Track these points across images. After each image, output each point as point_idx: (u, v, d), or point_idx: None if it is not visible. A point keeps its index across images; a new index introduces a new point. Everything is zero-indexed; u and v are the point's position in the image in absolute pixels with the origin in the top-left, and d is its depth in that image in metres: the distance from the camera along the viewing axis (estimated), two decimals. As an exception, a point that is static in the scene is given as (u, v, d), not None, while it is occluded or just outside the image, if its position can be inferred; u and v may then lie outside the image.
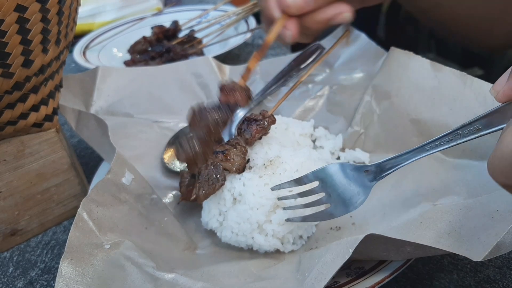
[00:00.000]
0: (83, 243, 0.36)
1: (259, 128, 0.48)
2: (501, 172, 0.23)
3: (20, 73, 0.42)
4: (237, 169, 0.45)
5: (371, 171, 0.38)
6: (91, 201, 0.39)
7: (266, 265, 0.42)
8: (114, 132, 0.54)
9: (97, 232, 0.38)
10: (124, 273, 0.36)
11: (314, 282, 0.32)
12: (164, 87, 0.62)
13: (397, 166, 0.37)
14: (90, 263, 0.35)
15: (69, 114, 0.53)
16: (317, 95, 0.59)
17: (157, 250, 0.41)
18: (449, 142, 0.32)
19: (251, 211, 0.43)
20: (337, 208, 0.39)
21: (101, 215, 0.39)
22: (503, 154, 0.23)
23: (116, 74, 0.62)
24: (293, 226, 0.43)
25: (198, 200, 0.44)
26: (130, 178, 0.43)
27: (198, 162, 0.45)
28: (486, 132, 0.28)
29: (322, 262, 0.35)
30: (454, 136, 0.31)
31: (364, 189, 0.38)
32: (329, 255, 0.35)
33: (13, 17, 0.39)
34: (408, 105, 0.48)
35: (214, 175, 0.44)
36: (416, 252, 0.35)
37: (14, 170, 0.49)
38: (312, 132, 0.55)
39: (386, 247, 0.35)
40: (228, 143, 0.48)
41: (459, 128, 0.30)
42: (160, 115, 0.60)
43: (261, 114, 0.49)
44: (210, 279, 0.39)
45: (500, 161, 0.23)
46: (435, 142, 0.33)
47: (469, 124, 0.29)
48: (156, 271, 0.38)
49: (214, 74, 0.65)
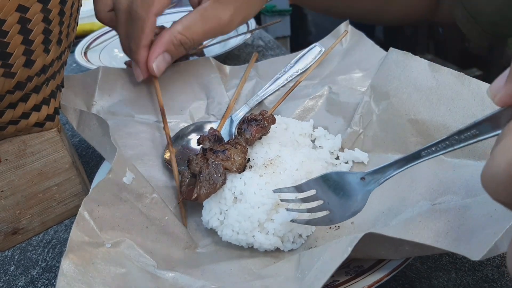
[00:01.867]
0: (84, 242, 0.36)
1: (259, 127, 0.48)
2: (494, 190, 0.23)
3: (21, 73, 0.42)
4: (237, 168, 0.45)
5: (367, 178, 0.38)
6: (92, 201, 0.39)
7: (266, 263, 0.42)
8: (115, 131, 0.55)
9: (98, 231, 0.38)
10: (125, 272, 0.37)
11: (314, 281, 0.33)
12: (165, 87, 0.63)
13: (394, 173, 0.37)
14: (91, 262, 0.35)
15: (70, 114, 0.53)
16: (316, 95, 0.59)
17: (157, 249, 0.42)
18: (445, 148, 0.31)
19: (252, 210, 0.43)
20: (336, 215, 0.39)
21: (102, 214, 0.39)
22: (493, 173, 0.22)
23: (117, 74, 0.62)
24: (294, 225, 0.43)
25: (200, 199, 0.45)
26: (131, 177, 0.44)
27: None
28: (483, 138, 0.28)
29: (321, 261, 0.35)
30: (450, 141, 0.30)
31: (361, 196, 0.38)
32: (328, 253, 0.35)
33: (14, 17, 0.39)
34: (407, 105, 0.48)
35: (215, 175, 0.45)
36: (415, 251, 0.35)
37: (16, 169, 0.49)
38: (311, 132, 0.56)
39: (384, 246, 0.35)
40: (228, 142, 0.48)
41: (456, 133, 0.30)
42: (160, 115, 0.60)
43: (261, 114, 0.49)
44: (211, 278, 0.39)
45: (492, 179, 0.23)
46: (431, 148, 0.33)
47: (465, 129, 0.29)
48: (157, 269, 0.38)
49: (214, 74, 0.65)
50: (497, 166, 0.22)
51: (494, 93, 0.24)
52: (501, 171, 0.22)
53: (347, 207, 0.39)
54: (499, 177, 0.22)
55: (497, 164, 0.22)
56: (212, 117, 0.62)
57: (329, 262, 0.33)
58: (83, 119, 0.53)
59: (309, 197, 0.40)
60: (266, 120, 0.49)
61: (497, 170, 0.22)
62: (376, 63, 0.57)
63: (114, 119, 0.58)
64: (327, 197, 0.39)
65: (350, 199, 0.39)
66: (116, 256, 0.37)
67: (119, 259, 0.37)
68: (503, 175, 0.21)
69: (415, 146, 0.47)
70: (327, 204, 0.39)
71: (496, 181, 0.22)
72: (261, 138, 0.49)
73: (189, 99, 0.63)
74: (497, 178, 0.22)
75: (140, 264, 0.38)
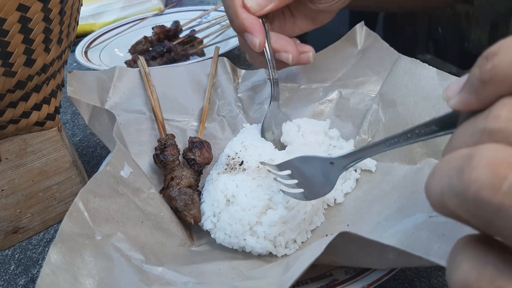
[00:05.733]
0: (75, 233, 0.36)
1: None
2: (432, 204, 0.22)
3: (22, 72, 0.42)
4: (194, 179, 0.50)
5: (335, 164, 0.41)
6: (88, 192, 0.39)
7: (256, 266, 0.42)
8: (126, 127, 0.56)
9: (91, 223, 0.38)
10: (112, 264, 0.36)
11: (289, 279, 0.32)
12: (178, 87, 0.63)
13: (360, 159, 0.40)
14: (79, 253, 0.35)
15: (83, 108, 0.54)
16: (326, 99, 0.59)
17: (150, 244, 0.41)
18: (407, 140, 0.32)
19: (243, 212, 0.43)
20: (309, 194, 0.43)
21: (97, 206, 0.39)
22: (428, 187, 0.22)
23: (132, 74, 0.63)
24: (283, 228, 0.43)
25: (196, 219, 0.46)
26: (128, 171, 0.43)
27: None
28: (440, 134, 0.28)
29: (300, 260, 0.35)
30: (411, 134, 0.31)
31: (331, 179, 0.42)
32: (307, 253, 0.35)
33: (15, 16, 0.39)
34: (413, 114, 0.47)
35: (183, 196, 0.47)
36: (400, 260, 0.33)
37: (16, 168, 0.49)
38: (327, 131, 0.55)
39: (368, 252, 0.34)
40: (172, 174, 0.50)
41: (416, 128, 0.30)
42: (171, 114, 0.61)
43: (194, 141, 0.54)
44: (198, 276, 0.39)
45: (428, 193, 0.22)
46: (394, 139, 0.34)
47: (424, 125, 0.29)
48: (145, 264, 0.38)
49: (227, 75, 0.65)
50: (436, 184, 0.21)
51: (449, 96, 0.24)
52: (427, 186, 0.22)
53: (317, 187, 0.42)
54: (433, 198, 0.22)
55: (435, 182, 0.21)
56: (222, 119, 0.63)
57: (304, 261, 0.33)
58: (95, 114, 0.53)
59: (286, 176, 0.43)
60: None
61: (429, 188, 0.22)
62: (389, 67, 0.57)
63: (126, 115, 0.58)
64: (300, 177, 0.43)
65: (320, 181, 0.42)
66: (105, 249, 0.37)
67: (107, 252, 0.37)
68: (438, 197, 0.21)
69: (420, 157, 0.46)
70: (300, 184, 0.42)
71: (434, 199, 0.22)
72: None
73: (201, 100, 0.63)
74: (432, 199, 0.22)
75: (128, 257, 0.37)
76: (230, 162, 0.49)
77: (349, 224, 0.45)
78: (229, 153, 0.50)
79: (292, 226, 0.43)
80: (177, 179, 0.49)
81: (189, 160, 0.52)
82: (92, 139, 0.73)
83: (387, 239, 0.38)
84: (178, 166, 0.51)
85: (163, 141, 0.53)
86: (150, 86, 0.61)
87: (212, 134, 0.60)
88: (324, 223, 0.47)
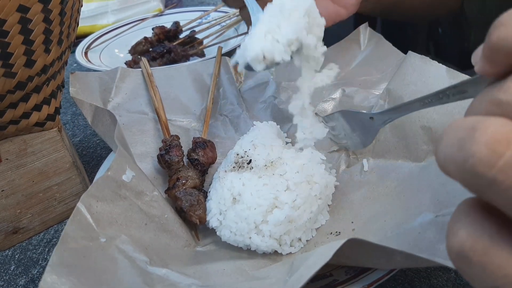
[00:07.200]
0: (78, 236, 0.36)
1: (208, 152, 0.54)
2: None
3: (22, 73, 0.42)
4: (199, 179, 0.50)
5: (375, 118, 0.46)
6: (91, 196, 0.39)
7: (261, 265, 0.42)
8: (128, 128, 0.56)
9: (95, 226, 0.38)
10: (116, 266, 0.36)
11: (295, 284, 0.32)
12: (180, 87, 0.63)
13: (397, 116, 0.43)
14: (83, 255, 0.35)
15: (86, 109, 0.54)
16: (330, 98, 0.59)
17: (154, 246, 0.41)
18: (439, 100, 0.33)
19: (249, 211, 0.43)
20: (352, 145, 0.51)
21: (100, 209, 0.39)
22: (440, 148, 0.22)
23: (134, 74, 0.63)
24: (289, 227, 0.43)
25: (202, 220, 0.46)
26: (130, 175, 0.44)
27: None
28: (470, 97, 0.28)
29: (305, 265, 0.35)
30: (443, 95, 0.32)
31: (371, 133, 0.48)
32: (313, 258, 0.35)
33: (15, 17, 0.39)
34: (420, 111, 0.46)
35: (189, 196, 0.47)
36: (407, 262, 0.33)
37: (17, 168, 0.49)
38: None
39: (375, 255, 0.34)
40: (178, 174, 0.50)
41: (447, 89, 0.31)
42: (174, 114, 0.61)
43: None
44: (202, 277, 0.39)
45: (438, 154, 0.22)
46: (428, 98, 0.34)
47: (454, 86, 0.30)
48: (149, 266, 0.38)
49: (229, 75, 0.65)
50: (441, 151, 0.21)
51: (475, 61, 0.24)
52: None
53: (360, 139, 0.49)
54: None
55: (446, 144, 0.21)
56: (224, 118, 0.63)
57: (312, 266, 0.33)
58: (98, 114, 0.53)
59: (333, 127, 0.51)
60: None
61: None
62: (393, 66, 0.56)
63: (129, 116, 0.58)
64: (343, 130, 0.50)
65: (362, 133, 0.49)
66: (109, 251, 0.37)
67: (111, 254, 0.37)
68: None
69: (426, 155, 0.45)
70: (344, 136, 0.50)
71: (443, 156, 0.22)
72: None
73: (203, 100, 0.63)
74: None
75: (132, 259, 0.37)
76: (239, 160, 0.49)
77: (353, 221, 0.45)
78: (238, 151, 0.50)
79: (297, 225, 0.43)
80: (182, 180, 0.49)
81: (193, 161, 0.52)
82: (92, 140, 0.73)
83: (393, 239, 0.38)
84: (183, 166, 0.51)
85: (168, 141, 0.53)
86: (153, 87, 0.61)
87: (215, 133, 0.61)
88: (328, 221, 0.47)
